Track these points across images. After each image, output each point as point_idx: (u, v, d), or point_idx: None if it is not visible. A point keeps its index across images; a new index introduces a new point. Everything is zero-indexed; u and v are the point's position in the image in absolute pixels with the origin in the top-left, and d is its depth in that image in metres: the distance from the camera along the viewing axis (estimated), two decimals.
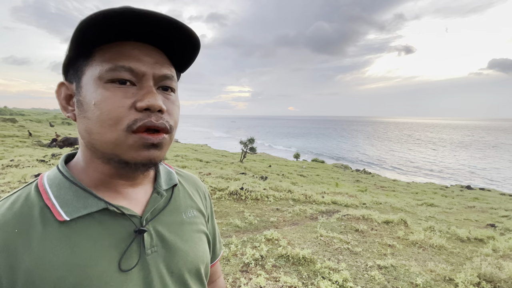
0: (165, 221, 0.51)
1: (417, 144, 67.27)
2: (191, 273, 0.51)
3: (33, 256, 0.38)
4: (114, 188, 0.47)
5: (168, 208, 0.53)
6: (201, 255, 0.54)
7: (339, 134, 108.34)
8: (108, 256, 0.42)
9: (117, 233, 0.44)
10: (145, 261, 0.45)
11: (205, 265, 0.56)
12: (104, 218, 0.44)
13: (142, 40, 0.42)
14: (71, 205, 0.42)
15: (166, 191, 0.55)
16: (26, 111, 70.99)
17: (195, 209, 0.59)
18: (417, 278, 2.81)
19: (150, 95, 0.41)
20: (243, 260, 2.90)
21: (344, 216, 4.95)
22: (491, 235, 4.56)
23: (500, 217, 7.49)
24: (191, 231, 0.55)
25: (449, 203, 10.37)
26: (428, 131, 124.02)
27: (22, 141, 17.04)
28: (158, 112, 0.41)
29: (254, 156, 26.45)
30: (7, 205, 0.41)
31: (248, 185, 6.27)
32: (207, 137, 72.16)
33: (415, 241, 3.94)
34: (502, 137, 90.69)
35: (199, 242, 0.55)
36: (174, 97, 0.46)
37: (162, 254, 0.48)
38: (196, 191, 0.63)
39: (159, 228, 0.49)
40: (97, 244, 0.42)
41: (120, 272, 0.42)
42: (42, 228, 0.40)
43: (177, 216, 0.54)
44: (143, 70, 0.41)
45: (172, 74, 0.45)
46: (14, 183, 5.03)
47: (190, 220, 0.56)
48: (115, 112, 0.39)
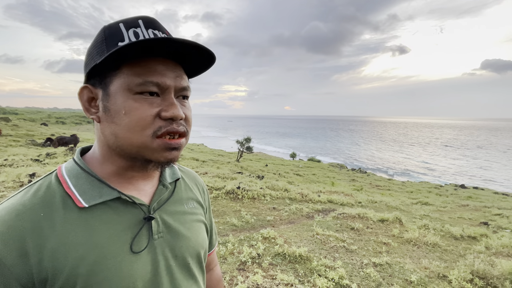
0: (169, 211, 0.57)
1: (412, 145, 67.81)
2: (193, 257, 0.58)
3: (57, 237, 0.43)
4: (127, 180, 0.53)
5: (172, 199, 0.59)
6: (201, 241, 0.61)
7: (336, 133, 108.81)
8: (121, 239, 0.47)
9: (129, 219, 0.50)
10: (152, 245, 0.51)
11: (204, 251, 0.62)
12: (117, 206, 0.49)
13: (166, 57, 0.48)
14: (88, 193, 0.47)
15: (170, 184, 0.61)
16: (19, 110, 69.99)
17: (195, 201, 0.65)
18: (411, 275, 2.85)
19: (173, 106, 0.47)
20: (240, 258, 2.91)
21: (340, 214, 4.99)
22: (484, 233, 4.63)
23: (493, 215, 7.62)
24: (192, 220, 0.61)
25: (443, 202, 10.50)
26: (423, 131, 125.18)
27: (15, 140, 16.83)
28: (180, 120, 0.48)
29: (251, 155, 26.46)
30: (31, 193, 0.46)
31: (245, 184, 6.27)
32: (202, 136, 71.94)
33: (409, 239, 3.99)
34: (500, 137, 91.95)
35: (199, 230, 0.61)
36: (188, 104, 0.53)
37: (168, 239, 0.54)
38: (195, 185, 0.70)
39: (164, 217, 0.55)
40: (112, 228, 0.47)
41: (132, 253, 0.48)
42: (64, 213, 0.45)
43: (179, 207, 0.60)
44: (168, 84, 0.47)
45: (188, 85, 0.52)
46: (8, 183, 4.97)
47: (191, 211, 0.62)
48: (143, 120, 0.46)
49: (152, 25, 0.48)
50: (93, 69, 0.47)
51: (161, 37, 0.43)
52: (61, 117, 60.56)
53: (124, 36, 0.46)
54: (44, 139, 16.26)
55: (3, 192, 4.51)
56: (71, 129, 43.76)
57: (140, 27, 0.47)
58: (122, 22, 0.47)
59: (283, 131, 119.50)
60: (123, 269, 0.46)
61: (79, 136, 14.11)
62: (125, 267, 0.46)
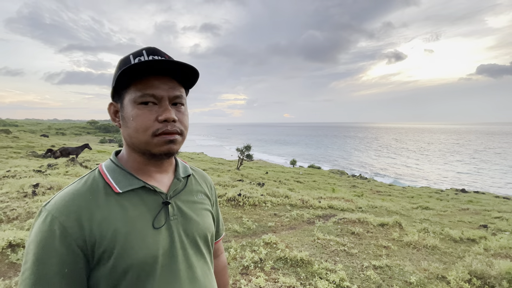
0: (182, 199, 0.72)
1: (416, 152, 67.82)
2: (201, 238, 0.72)
3: (101, 213, 0.59)
4: (148, 173, 0.69)
5: (184, 190, 0.75)
6: (207, 226, 0.75)
7: (336, 140, 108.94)
8: (145, 217, 0.63)
9: (151, 203, 0.65)
10: (169, 224, 0.66)
11: (211, 235, 0.76)
12: (142, 193, 0.65)
13: (161, 74, 0.63)
14: (121, 183, 0.64)
15: (183, 178, 0.76)
16: (19, 121, 70.13)
17: (203, 193, 0.81)
18: (411, 276, 2.90)
19: (167, 111, 0.62)
20: (242, 263, 2.97)
21: (340, 219, 5.04)
22: (483, 235, 4.68)
23: (493, 218, 7.64)
24: (200, 208, 0.76)
25: (443, 206, 10.51)
26: (421, 136, 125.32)
27: (16, 152, 16.90)
28: (172, 122, 0.63)
29: (251, 163, 26.49)
30: (82, 183, 0.63)
31: (246, 191, 6.34)
32: (202, 145, 71.96)
33: (409, 242, 4.05)
34: (499, 141, 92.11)
35: (206, 216, 0.76)
36: (183, 109, 0.67)
37: (181, 221, 0.69)
38: (204, 181, 0.85)
39: (179, 203, 0.71)
40: (138, 209, 0.63)
41: (154, 228, 0.63)
42: (105, 196, 0.61)
43: (190, 197, 0.75)
44: (162, 94, 0.62)
45: (181, 94, 0.66)
46: (12, 193, 5.03)
47: (199, 201, 0.77)
48: (145, 124, 0.61)
49: (153, 52, 0.63)
50: (114, 90, 0.65)
51: (145, 60, 0.59)
52: (61, 128, 60.75)
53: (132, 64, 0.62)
54: (45, 151, 16.32)
55: (7, 202, 4.57)
56: (71, 139, 43.84)
57: (143, 55, 0.63)
58: (132, 54, 0.64)
59: (282, 138, 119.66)
60: (148, 240, 0.61)
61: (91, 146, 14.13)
62: (149, 238, 0.61)
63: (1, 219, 3.86)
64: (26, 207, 4.35)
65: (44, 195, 5.18)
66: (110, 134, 58.02)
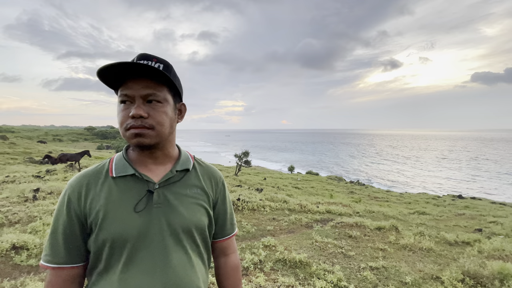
0: (174, 191, 0.77)
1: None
2: (184, 231, 0.74)
3: (95, 191, 0.72)
4: (144, 164, 0.78)
5: (179, 183, 0.79)
6: (195, 220, 0.77)
7: (333, 147, 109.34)
8: (129, 201, 0.71)
9: (137, 189, 0.73)
10: (151, 210, 0.72)
11: (199, 230, 0.78)
12: (132, 180, 0.74)
13: (137, 76, 0.70)
14: (119, 169, 0.75)
15: (181, 172, 0.81)
16: (16, 128, 69.70)
17: (200, 189, 0.82)
18: (406, 277, 2.99)
19: (136, 108, 0.69)
20: (242, 264, 3.04)
21: (338, 223, 5.12)
22: (478, 238, 4.78)
23: (488, 223, 7.74)
24: (191, 202, 0.78)
25: (440, 211, 10.60)
26: (417, 143, 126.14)
27: (13, 158, 16.83)
28: (141, 117, 0.69)
29: (249, 169, 26.53)
30: (95, 166, 0.78)
31: (245, 196, 6.41)
32: (199, 151, 71.90)
33: (405, 244, 4.14)
34: (495, 147, 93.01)
35: (195, 211, 0.78)
36: (158, 106, 0.72)
37: (165, 210, 0.73)
38: (208, 178, 0.87)
39: (167, 193, 0.75)
40: (125, 193, 0.72)
41: (134, 212, 0.70)
42: (104, 178, 0.74)
43: (183, 190, 0.79)
44: (133, 93, 0.70)
45: (153, 92, 0.71)
46: (13, 198, 5.07)
47: (192, 195, 0.79)
48: (122, 119, 0.71)
49: (142, 57, 0.71)
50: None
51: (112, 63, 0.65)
52: (58, 135, 60.47)
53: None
54: (42, 157, 16.28)
55: (8, 207, 4.61)
56: (68, 146, 43.66)
57: (134, 60, 0.70)
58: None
59: (280, 145, 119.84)
60: (124, 220, 0.69)
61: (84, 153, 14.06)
62: (126, 219, 0.69)
63: (3, 223, 3.90)
64: (27, 211, 4.39)
65: (45, 200, 5.21)
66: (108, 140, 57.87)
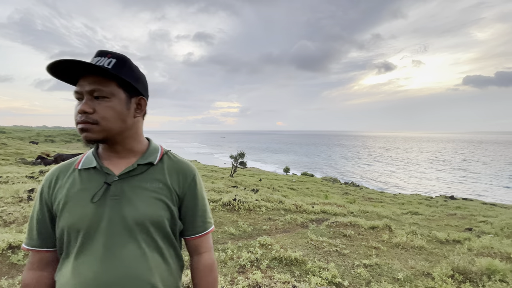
0: (133, 184, 0.77)
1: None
2: (137, 224, 0.74)
3: (61, 182, 0.79)
4: (109, 158, 0.81)
5: (140, 176, 0.79)
6: (149, 214, 0.75)
7: (328, 148, 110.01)
8: (87, 192, 0.75)
9: (97, 182, 0.76)
10: (105, 201, 0.74)
11: (155, 224, 0.76)
12: (93, 172, 0.78)
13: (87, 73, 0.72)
14: (85, 162, 0.80)
15: (144, 165, 0.80)
16: (7, 128, 68.45)
17: (162, 183, 0.80)
18: (398, 273, 3.08)
19: (82, 104, 0.71)
20: (239, 262, 3.09)
21: (333, 223, 5.21)
22: (468, 237, 4.91)
23: (478, 222, 7.93)
24: (149, 196, 0.77)
25: (432, 212, 10.79)
26: (411, 144, 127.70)
27: (5, 159, 16.57)
28: (85, 113, 0.71)
29: (244, 170, 26.56)
30: (71, 159, 0.84)
31: (241, 197, 6.46)
32: (194, 153, 71.66)
33: (398, 243, 4.24)
34: (487, 149, 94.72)
35: (152, 205, 0.76)
36: (104, 101, 0.72)
37: (120, 202, 0.74)
38: (175, 173, 0.83)
39: (125, 186, 0.76)
40: (85, 184, 0.76)
41: (91, 202, 0.73)
42: (72, 170, 0.80)
43: (143, 183, 0.78)
44: (80, 90, 0.72)
45: (98, 87, 0.71)
46: (7, 198, 5.03)
47: (152, 189, 0.78)
48: (74, 116, 0.73)
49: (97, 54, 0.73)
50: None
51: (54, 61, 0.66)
52: (51, 135, 59.57)
53: None
54: (35, 157, 16.06)
55: (3, 207, 4.58)
56: (61, 147, 43.07)
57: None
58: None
59: (275, 146, 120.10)
60: (80, 210, 0.73)
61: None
62: (82, 209, 0.73)
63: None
64: (22, 211, 4.37)
65: None
66: None
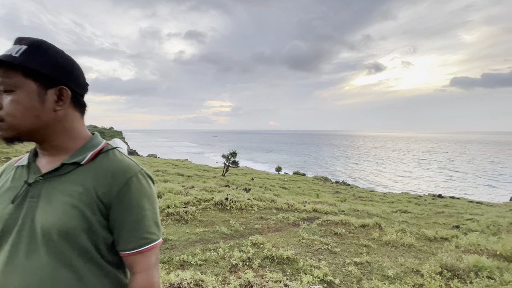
0: (53, 186, 0.69)
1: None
2: (43, 230, 0.64)
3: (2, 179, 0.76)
4: (42, 156, 0.75)
5: (64, 177, 0.70)
6: (55, 222, 0.64)
7: (319, 148, 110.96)
8: (12, 191, 0.71)
9: (22, 180, 0.72)
10: (23, 203, 0.68)
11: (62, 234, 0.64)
12: (23, 171, 0.74)
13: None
14: (23, 159, 0.78)
15: (69, 165, 0.71)
16: None
17: (84, 187, 0.68)
18: (388, 271, 3.11)
19: None
20: (231, 261, 3.07)
21: (324, 222, 5.24)
22: (455, 234, 5.03)
23: (465, 220, 8.14)
24: (63, 201, 0.66)
25: (421, 210, 11.01)
26: (400, 144, 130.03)
27: None
28: None
29: (236, 170, 26.49)
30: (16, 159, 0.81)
31: (233, 196, 6.42)
32: (187, 152, 71.07)
33: (388, 241, 4.30)
34: (475, 149, 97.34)
35: (61, 212, 0.65)
36: (10, 96, 0.64)
37: (35, 205, 0.67)
38: (106, 175, 0.71)
39: (44, 188, 0.69)
40: (14, 182, 0.73)
41: (11, 203, 0.69)
42: (12, 167, 0.78)
43: (62, 186, 0.68)
44: None
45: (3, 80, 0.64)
46: None
47: (69, 193, 0.67)
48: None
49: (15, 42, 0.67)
50: None
51: None
52: None
53: None
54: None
55: None
56: None
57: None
58: None
59: (267, 146, 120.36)
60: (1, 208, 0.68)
61: None
62: (3, 208, 0.68)
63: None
64: None
65: None
66: None
